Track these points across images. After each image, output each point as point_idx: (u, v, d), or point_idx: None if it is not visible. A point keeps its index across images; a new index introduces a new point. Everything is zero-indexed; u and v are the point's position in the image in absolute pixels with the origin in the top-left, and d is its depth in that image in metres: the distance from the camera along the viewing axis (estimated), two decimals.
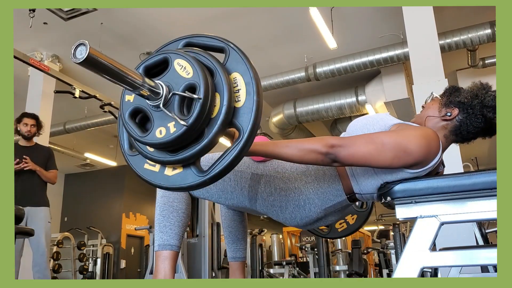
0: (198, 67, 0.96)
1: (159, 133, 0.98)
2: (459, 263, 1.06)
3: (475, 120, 1.27)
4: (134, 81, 0.95)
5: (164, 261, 1.39)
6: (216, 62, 1.01)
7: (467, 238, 2.95)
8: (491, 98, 1.25)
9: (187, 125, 0.93)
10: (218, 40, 1.07)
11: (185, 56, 0.99)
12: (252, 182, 1.37)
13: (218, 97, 0.97)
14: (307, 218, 1.34)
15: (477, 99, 1.27)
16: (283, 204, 1.34)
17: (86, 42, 0.79)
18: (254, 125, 0.97)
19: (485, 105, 1.26)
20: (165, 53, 1.02)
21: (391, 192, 1.19)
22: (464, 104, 1.28)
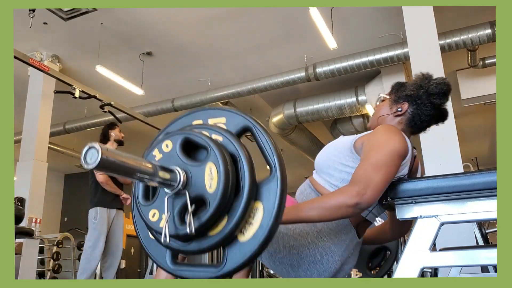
0: (223, 188, 0.85)
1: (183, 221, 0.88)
2: (459, 263, 1.06)
3: (425, 109, 1.35)
4: (146, 172, 0.86)
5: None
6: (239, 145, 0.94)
7: (467, 238, 2.95)
8: (435, 86, 1.34)
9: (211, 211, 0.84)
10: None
11: (220, 164, 0.87)
12: None
13: None
14: (326, 272, 1.27)
15: (422, 89, 1.35)
16: (294, 263, 1.26)
17: (97, 145, 0.70)
18: (275, 146, 0.91)
19: (430, 93, 1.34)
20: (208, 142, 0.90)
21: (391, 192, 1.19)
22: (412, 96, 1.36)
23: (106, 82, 6.51)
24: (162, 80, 6.89)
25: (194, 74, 6.72)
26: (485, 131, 9.17)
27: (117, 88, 6.60)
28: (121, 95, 6.88)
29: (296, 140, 8.04)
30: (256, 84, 6.25)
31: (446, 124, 3.89)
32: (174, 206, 0.88)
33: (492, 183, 1.05)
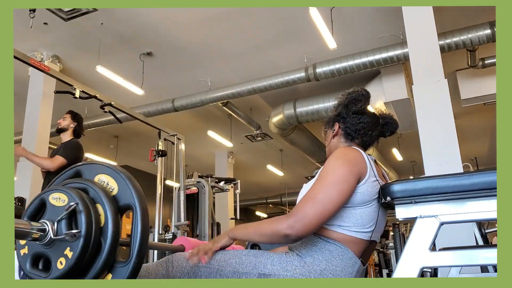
0: (69, 191, 1.05)
1: (59, 264, 1.02)
2: (459, 263, 1.06)
3: (353, 120, 1.45)
4: (24, 229, 1.02)
5: None
6: (83, 180, 1.12)
7: (467, 238, 2.95)
8: (346, 97, 1.46)
9: (82, 234, 1.00)
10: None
11: (58, 189, 1.08)
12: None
13: (100, 207, 1.06)
14: None
15: (340, 106, 1.48)
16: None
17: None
18: (140, 196, 1.07)
19: (346, 104, 1.46)
20: (39, 196, 1.10)
21: (391, 192, 1.19)
22: (336, 116, 1.50)
23: (106, 82, 6.51)
24: (162, 80, 6.89)
25: (194, 74, 6.72)
26: (484, 131, 9.17)
27: (117, 88, 6.61)
28: (121, 95, 6.89)
29: (296, 140, 8.05)
30: (256, 84, 6.25)
31: (446, 124, 3.87)
32: (64, 234, 1.04)
33: (492, 183, 1.05)
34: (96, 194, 1.07)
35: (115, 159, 9.96)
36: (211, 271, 1.29)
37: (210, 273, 1.29)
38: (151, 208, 6.33)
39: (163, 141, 4.53)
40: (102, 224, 1.04)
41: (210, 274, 1.29)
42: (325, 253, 1.26)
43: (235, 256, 1.31)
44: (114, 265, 1.04)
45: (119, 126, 7.96)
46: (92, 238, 1.01)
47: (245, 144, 9.70)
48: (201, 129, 8.82)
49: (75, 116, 3.65)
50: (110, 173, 1.12)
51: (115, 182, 1.11)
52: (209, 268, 1.29)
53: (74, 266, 1.00)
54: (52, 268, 1.03)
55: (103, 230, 1.03)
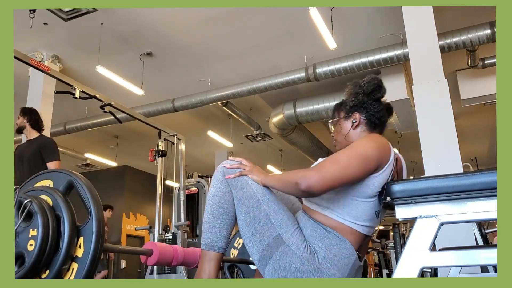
0: (39, 249, 1.13)
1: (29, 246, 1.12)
2: (459, 263, 1.06)
3: (374, 107, 1.43)
4: None
5: (210, 262, 1.36)
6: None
7: (467, 238, 2.95)
8: (367, 85, 1.43)
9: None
10: None
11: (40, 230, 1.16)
12: (272, 242, 1.31)
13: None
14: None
15: (359, 94, 1.44)
16: None
17: None
18: (94, 196, 1.19)
19: (368, 93, 1.43)
20: (35, 210, 1.17)
21: (391, 192, 1.19)
22: (356, 105, 1.45)
23: (106, 82, 6.51)
24: (162, 80, 6.89)
25: (194, 74, 6.72)
26: (484, 131, 9.17)
27: (117, 88, 6.61)
28: (122, 96, 6.89)
29: (296, 140, 8.04)
30: (256, 84, 6.25)
31: (446, 124, 3.87)
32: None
33: (492, 183, 1.05)
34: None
35: (115, 159, 9.96)
36: (252, 196, 1.37)
37: (251, 197, 1.37)
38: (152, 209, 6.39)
39: (163, 141, 4.53)
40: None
41: (251, 198, 1.37)
42: (325, 240, 1.30)
43: (277, 204, 1.37)
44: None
45: (119, 126, 7.96)
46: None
47: (245, 144, 9.70)
48: (201, 129, 8.82)
49: (23, 111, 3.59)
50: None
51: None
52: (252, 193, 1.37)
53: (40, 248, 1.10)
54: None
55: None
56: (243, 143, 9.62)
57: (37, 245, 1.07)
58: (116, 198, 10.47)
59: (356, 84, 1.47)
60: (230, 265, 3.01)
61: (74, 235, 1.13)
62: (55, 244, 1.11)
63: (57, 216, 1.14)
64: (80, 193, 1.19)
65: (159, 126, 4.59)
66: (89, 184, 1.21)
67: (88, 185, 1.20)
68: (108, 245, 1.35)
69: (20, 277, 1.07)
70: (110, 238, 9.79)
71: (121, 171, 10.73)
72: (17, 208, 1.12)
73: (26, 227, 1.11)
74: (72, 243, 1.12)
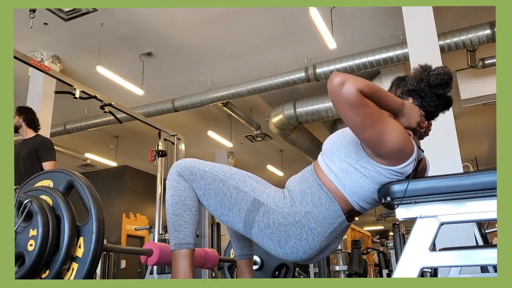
0: (39, 250, 1.16)
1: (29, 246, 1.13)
2: (458, 263, 1.06)
3: (430, 101, 1.37)
4: None
5: (182, 260, 1.36)
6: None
7: (467, 238, 2.95)
8: (435, 77, 1.34)
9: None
10: None
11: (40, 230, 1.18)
12: (251, 207, 1.35)
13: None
14: (311, 250, 1.32)
15: (423, 82, 1.36)
16: (282, 239, 1.32)
17: None
18: (94, 196, 1.20)
19: (432, 85, 1.35)
20: (35, 210, 1.19)
21: (391, 192, 1.19)
22: (414, 91, 1.38)
23: (106, 82, 6.51)
24: (162, 80, 6.89)
25: (194, 74, 6.72)
26: (484, 131, 9.17)
27: (117, 88, 6.61)
28: (122, 96, 6.89)
29: (296, 141, 8.04)
30: (256, 84, 6.25)
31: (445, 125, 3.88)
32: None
33: (492, 183, 1.05)
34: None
35: (115, 159, 9.96)
36: (215, 179, 1.41)
37: (215, 180, 1.41)
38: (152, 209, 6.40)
39: (163, 141, 4.53)
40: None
41: (215, 181, 1.40)
42: (315, 198, 1.32)
43: (240, 174, 1.43)
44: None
45: (119, 126, 7.96)
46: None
47: (245, 144, 9.69)
48: (201, 129, 8.82)
49: (19, 110, 3.55)
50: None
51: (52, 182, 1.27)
52: (214, 175, 1.41)
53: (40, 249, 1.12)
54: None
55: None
56: (243, 143, 9.62)
57: (37, 245, 1.07)
58: (116, 198, 10.47)
59: (425, 69, 1.39)
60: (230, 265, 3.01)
61: (74, 235, 1.13)
62: (55, 244, 1.11)
63: (57, 216, 1.15)
64: (80, 193, 1.20)
65: (159, 126, 4.59)
66: (89, 184, 1.21)
67: (88, 185, 1.20)
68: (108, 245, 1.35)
69: (20, 277, 1.07)
70: (110, 238, 9.79)
71: (121, 171, 10.72)
72: (17, 208, 1.12)
73: (26, 227, 1.11)
74: (72, 243, 1.12)
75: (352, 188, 1.30)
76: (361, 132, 1.20)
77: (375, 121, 1.19)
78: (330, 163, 1.34)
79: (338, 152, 1.33)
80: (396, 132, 1.22)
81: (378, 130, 1.19)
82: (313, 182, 1.34)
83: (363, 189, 1.29)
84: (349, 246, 7.91)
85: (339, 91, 1.14)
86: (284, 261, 2.68)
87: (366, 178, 1.28)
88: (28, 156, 3.29)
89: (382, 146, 1.21)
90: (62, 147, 8.70)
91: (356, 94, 1.13)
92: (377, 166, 1.26)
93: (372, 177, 1.27)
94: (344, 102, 1.15)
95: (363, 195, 1.30)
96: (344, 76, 1.15)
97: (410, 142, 1.26)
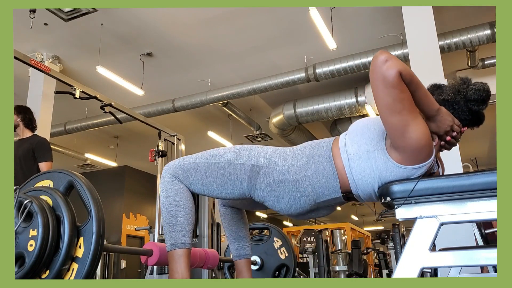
0: (38, 250, 1.16)
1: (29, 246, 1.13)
2: (458, 263, 1.06)
3: (463, 114, 1.34)
4: None
5: (179, 260, 1.37)
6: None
7: (467, 239, 2.95)
8: (473, 92, 1.31)
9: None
10: None
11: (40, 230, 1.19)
12: (251, 174, 1.39)
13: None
14: (301, 209, 1.38)
15: (459, 95, 1.34)
16: (280, 195, 1.37)
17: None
18: (94, 196, 1.21)
19: (468, 99, 1.32)
20: (35, 210, 1.19)
21: (391, 192, 1.19)
22: (449, 101, 1.35)
23: (106, 82, 6.51)
24: (162, 80, 6.89)
25: (194, 74, 6.72)
26: (484, 131, 9.16)
27: (117, 88, 6.61)
28: (122, 96, 6.89)
29: (296, 141, 8.04)
30: (256, 84, 6.25)
31: None
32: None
33: (492, 183, 1.05)
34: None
35: (115, 159, 9.95)
36: (209, 165, 1.44)
37: (208, 166, 1.44)
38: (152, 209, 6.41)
39: (163, 142, 4.53)
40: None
41: (209, 167, 1.44)
42: (319, 166, 1.35)
43: (230, 150, 1.47)
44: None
45: (119, 127, 7.96)
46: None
47: (244, 144, 9.69)
48: (201, 129, 8.82)
49: (18, 110, 3.53)
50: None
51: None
52: (206, 163, 1.44)
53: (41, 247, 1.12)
54: None
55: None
56: (243, 143, 9.62)
57: (37, 245, 1.07)
58: (116, 198, 10.47)
59: (464, 81, 1.36)
60: (230, 265, 3.02)
61: (74, 235, 1.13)
62: (55, 244, 1.11)
63: (57, 216, 1.15)
64: (80, 193, 1.20)
65: (159, 126, 4.60)
66: (89, 184, 1.21)
67: (88, 185, 1.21)
68: (108, 245, 1.35)
69: (20, 277, 1.07)
70: (110, 238, 9.79)
71: (121, 171, 10.72)
72: (17, 208, 1.12)
73: (26, 227, 1.11)
74: (72, 244, 1.12)
75: (357, 176, 1.31)
76: (387, 115, 1.20)
77: (404, 109, 1.19)
78: (350, 143, 1.35)
79: (361, 136, 1.34)
80: (421, 130, 1.22)
81: (404, 119, 1.19)
82: (324, 152, 1.37)
83: (365, 180, 1.30)
84: (349, 246, 7.91)
85: (381, 67, 1.16)
86: (283, 261, 2.69)
87: (373, 170, 1.29)
88: (25, 156, 3.29)
89: (403, 137, 1.21)
90: (62, 147, 8.70)
91: (396, 74, 1.15)
92: (389, 161, 1.26)
93: (379, 171, 1.28)
94: (382, 79, 1.17)
95: (363, 185, 1.32)
96: (389, 55, 1.17)
97: (430, 146, 1.25)
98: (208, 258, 2.05)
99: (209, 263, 2.06)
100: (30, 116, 3.55)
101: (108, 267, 8.28)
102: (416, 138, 1.20)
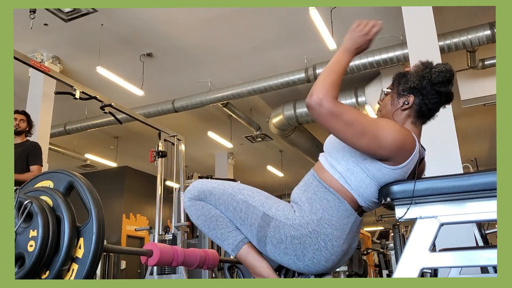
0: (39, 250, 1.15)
1: (29, 246, 1.13)
2: (458, 264, 1.06)
3: (432, 98, 1.34)
4: None
5: (249, 255, 1.37)
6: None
7: (467, 239, 2.95)
8: (437, 75, 1.32)
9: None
10: None
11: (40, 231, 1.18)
12: (262, 222, 1.33)
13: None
14: (333, 256, 1.29)
15: (425, 80, 1.34)
16: (299, 252, 1.28)
17: None
18: (94, 197, 1.21)
19: (434, 82, 1.32)
20: (35, 211, 1.19)
21: (391, 193, 1.19)
22: (416, 88, 1.35)
23: (106, 83, 6.51)
24: (163, 81, 6.89)
25: (194, 75, 6.72)
26: (484, 132, 9.17)
27: (117, 89, 6.61)
28: (122, 96, 6.88)
29: (296, 141, 8.04)
30: (256, 85, 6.25)
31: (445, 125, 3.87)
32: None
33: (492, 184, 1.05)
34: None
35: (115, 160, 9.95)
36: (224, 193, 1.40)
37: (223, 194, 1.40)
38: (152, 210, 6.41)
39: (163, 142, 4.53)
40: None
41: (223, 195, 1.40)
42: (323, 202, 1.30)
43: (249, 189, 1.42)
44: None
45: (119, 127, 7.96)
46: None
47: (245, 145, 9.69)
48: (201, 130, 8.82)
49: (28, 116, 3.64)
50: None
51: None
52: (223, 191, 1.41)
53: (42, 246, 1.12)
54: None
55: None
56: (243, 143, 9.62)
57: (37, 245, 1.07)
58: (116, 198, 10.47)
59: (427, 66, 1.36)
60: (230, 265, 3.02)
61: (74, 235, 1.13)
62: (55, 245, 1.11)
63: (57, 216, 1.15)
64: (80, 193, 1.20)
65: (159, 126, 4.59)
66: (89, 184, 1.21)
67: (88, 185, 1.21)
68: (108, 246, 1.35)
69: (20, 278, 1.07)
70: (110, 239, 9.79)
71: (121, 171, 10.72)
72: (17, 208, 1.11)
73: (26, 228, 1.11)
74: (72, 244, 1.12)
75: (358, 189, 1.28)
76: (356, 140, 1.20)
77: (364, 124, 1.19)
78: (335, 162, 1.32)
79: (343, 151, 1.32)
80: (390, 129, 1.22)
81: (371, 133, 1.19)
82: (318, 187, 1.32)
83: (368, 190, 1.28)
84: None
85: (318, 109, 1.20)
86: None
87: (371, 179, 1.27)
88: (19, 159, 3.38)
89: (381, 148, 1.20)
90: (62, 147, 8.70)
91: (330, 100, 1.20)
92: (382, 167, 1.25)
93: (377, 179, 1.26)
94: (329, 114, 1.20)
95: (368, 195, 1.29)
96: (309, 98, 1.21)
97: (409, 135, 1.26)
98: (208, 259, 2.05)
99: (209, 263, 2.06)
100: (32, 123, 3.67)
101: (108, 268, 8.29)
102: (392, 139, 1.20)
